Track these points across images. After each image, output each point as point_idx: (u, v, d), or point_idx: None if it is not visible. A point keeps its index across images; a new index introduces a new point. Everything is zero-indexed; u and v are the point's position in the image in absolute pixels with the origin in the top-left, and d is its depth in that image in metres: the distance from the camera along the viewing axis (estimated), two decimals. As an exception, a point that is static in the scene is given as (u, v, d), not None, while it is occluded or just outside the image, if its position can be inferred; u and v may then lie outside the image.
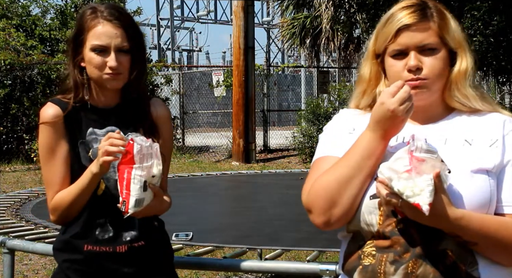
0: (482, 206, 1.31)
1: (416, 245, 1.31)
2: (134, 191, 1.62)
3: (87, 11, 1.81)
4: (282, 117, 23.55)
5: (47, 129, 1.79)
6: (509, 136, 1.36)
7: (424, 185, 1.20)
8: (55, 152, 1.79)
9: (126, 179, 1.61)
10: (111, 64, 1.75)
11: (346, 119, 1.52)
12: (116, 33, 1.77)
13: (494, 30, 6.85)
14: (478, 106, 1.40)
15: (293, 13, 14.42)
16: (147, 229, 1.85)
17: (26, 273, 4.91)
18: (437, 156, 1.26)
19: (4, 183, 9.70)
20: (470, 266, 1.31)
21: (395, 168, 1.24)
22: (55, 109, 1.80)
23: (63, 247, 1.85)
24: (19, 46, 13.18)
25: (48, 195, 1.82)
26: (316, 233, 3.52)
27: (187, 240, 3.06)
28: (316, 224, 1.41)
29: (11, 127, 12.80)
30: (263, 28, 37.81)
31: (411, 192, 1.21)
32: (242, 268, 2.59)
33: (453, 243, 1.30)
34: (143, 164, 1.62)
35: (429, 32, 1.38)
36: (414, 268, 1.30)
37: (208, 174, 7.21)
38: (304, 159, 12.31)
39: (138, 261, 1.83)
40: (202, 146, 14.88)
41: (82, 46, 1.80)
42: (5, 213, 3.93)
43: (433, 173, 1.22)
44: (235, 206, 5.30)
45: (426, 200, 1.20)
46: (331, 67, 21.07)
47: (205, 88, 16.81)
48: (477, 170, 1.33)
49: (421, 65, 1.38)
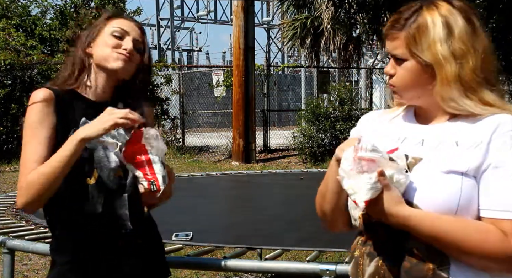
0: (448, 207, 1.31)
1: (384, 240, 1.38)
2: (158, 169, 1.76)
3: (105, 14, 1.93)
4: (282, 117, 23.56)
5: (35, 109, 1.76)
6: (496, 140, 1.32)
7: (362, 184, 1.29)
8: (38, 132, 1.74)
9: (147, 161, 1.75)
10: (128, 45, 1.83)
11: (367, 119, 1.61)
12: (135, 28, 1.89)
13: (493, 29, 6.84)
14: (474, 111, 1.37)
15: (293, 14, 14.43)
16: (138, 220, 1.84)
17: (26, 273, 4.91)
18: (382, 155, 1.31)
19: (4, 183, 9.70)
20: (440, 265, 1.32)
21: (344, 168, 1.33)
22: (47, 92, 1.79)
23: (58, 247, 1.84)
24: (19, 46, 13.19)
25: (22, 175, 1.71)
26: (316, 233, 3.53)
27: (187, 240, 3.06)
28: (323, 225, 1.57)
29: (11, 127, 12.80)
30: (263, 28, 37.81)
31: (352, 190, 1.31)
32: (242, 268, 2.59)
33: (421, 242, 1.33)
34: (153, 146, 1.75)
35: (397, 42, 1.40)
36: (382, 262, 1.37)
37: (208, 174, 7.21)
38: (304, 159, 12.31)
39: (134, 254, 1.83)
40: (202, 146, 14.88)
41: (96, 36, 1.86)
42: (5, 213, 3.93)
43: (376, 172, 1.29)
44: (235, 206, 5.29)
45: (362, 197, 1.29)
46: (331, 67, 21.08)
47: (205, 88, 16.81)
48: (448, 171, 1.32)
49: (395, 72, 1.43)
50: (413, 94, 1.43)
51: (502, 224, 1.29)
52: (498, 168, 1.31)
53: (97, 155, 1.78)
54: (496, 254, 1.28)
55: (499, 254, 1.28)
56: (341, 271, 2.36)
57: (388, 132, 1.50)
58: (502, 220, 1.29)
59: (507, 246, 1.27)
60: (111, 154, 1.80)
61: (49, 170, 1.67)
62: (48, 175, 1.68)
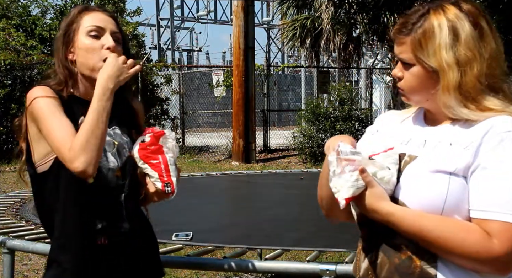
0: (434, 206, 1.32)
1: (376, 237, 1.41)
2: (173, 172, 1.79)
3: (79, 6, 1.87)
4: (282, 117, 23.57)
5: (46, 99, 1.70)
6: (487, 142, 1.32)
7: (343, 182, 1.36)
8: (58, 115, 1.69)
9: (164, 163, 1.77)
10: (109, 43, 1.77)
11: (381, 119, 1.63)
12: (109, 19, 1.83)
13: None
14: (470, 118, 1.37)
15: (293, 14, 14.42)
16: (135, 219, 1.85)
17: (26, 273, 4.91)
18: (362, 156, 1.37)
19: (4, 183, 9.70)
20: (428, 262, 1.33)
21: (330, 169, 1.39)
22: (47, 88, 1.76)
23: (58, 248, 1.81)
24: (19, 46, 13.19)
25: (64, 148, 1.64)
26: (316, 233, 3.53)
27: (187, 240, 3.06)
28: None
29: (11, 127, 12.78)
30: (263, 28, 37.81)
31: (335, 189, 1.38)
32: (242, 268, 2.59)
33: (410, 239, 1.35)
34: (169, 147, 1.79)
35: (404, 47, 1.41)
36: (374, 258, 1.41)
37: (208, 174, 7.20)
38: (304, 159, 12.31)
39: (132, 253, 1.83)
40: (202, 146, 14.88)
41: (74, 36, 1.79)
42: (5, 213, 3.93)
43: (357, 171, 1.34)
44: (235, 206, 5.29)
45: (343, 195, 1.36)
46: (331, 67, 21.06)
47: (205, 88, 16.82)
48: (435, 170, 1.33)
49: (402, 75, 1.44)
50: (420, 97, 1.44)
51: (487, 224, 1.29)
52: (486, 169, 1.31)
53: None
54: (476, 254, 1.28)
55: (479, 255, 1.28)
56: (341, 271, 2.36)
57: (396, 133, 1.51)
58: (487, 220, 1.29)
59: (489, 246, 1.27)
60: (108, 154, 1.79)
61: (94, 125, 1.65)
62: (98, 128, 1.65)
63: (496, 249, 1.26)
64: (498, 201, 1.29)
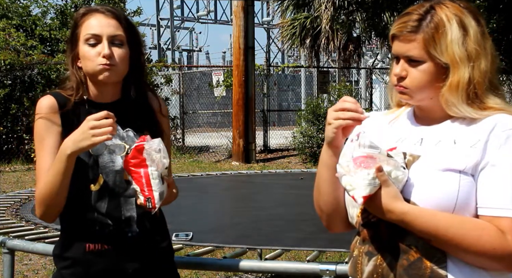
0: (446, 205, 1.31)
1: (384, 239, 1.38)
2: (156, 186, 1.68)
3: (81, 10, 1.85)
4: (282, 117, 23.56)
5: (41, 120, 1.78)
6: (494, 139, 1.33)
7: (360, 179, 1.30)
8: (45, 143, 1.76)
9: (145, 177, 1.67)
10: (104, 52, 1.75)
11: (371, 120, 1.58)
12: (108, 22, 1.78)
13: (494, 29, 6.84)
14: (473, 116, 1.37)
15: (293, 13, 14.41)
16: (146, 224, 1.84)
17: (26, 273, 4.91)
18: (380, 151, 1.32)
19: (4, 183, 9.70)
20: (438, 263, 1.33)
21: (342, 163, 1.34)
22: (51, 101, 1.79)
23: (63, 252, 1.82)
24: (19, 46, 13.18)
25: (36, 187, 1.77)
26: (316, 233, 3.53)
27: (187, 240, 3.06)
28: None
29: (11, 127, 12.80)
30: (263, 28, 37.79)
31: (350, 186, 1.32)
32: (242, 268, 2.59)
33: (419, 239, 1.33)
34: (154, 160, 1.68)
35: (414, 44, 1.38)
36: (381, 261, 1.38)
37: (208, 174, 7.20)
38: (304, 159, 12.31)
39: (140, 257, 1.82)
40: (202, 146, 14.88)
41: (77, 43, 1.80)
42: (5, 213, 3.93)
43: (374, 168, 1.29)
44: (235, 206, 5.29)
45: (361, 193, 1.30)
46: (331, 67, 21.04)
47: (205, 88, 16.81)
48: (445, 169, 1.33)
49: (406, 73, 1.41)
50: (426, 95, 1.41)
51: (499, 221, 1.29)
52: (495, 166, 1.31)
53: (102, 161, 1.78)
54: (493, 251, 1.28)
55: (496, 252, 1.28)
56: (341, 271, 2.36)
57: (387, 135, 1.50)
58: (499, 217, 1.29)
59: (504, 243, 1.28)
60: (117, 157, 1.79)
61: (48, 185, 1.70)
62: (51, 188, 1.70)
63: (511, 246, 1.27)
64: (508, 198, 1.29)
